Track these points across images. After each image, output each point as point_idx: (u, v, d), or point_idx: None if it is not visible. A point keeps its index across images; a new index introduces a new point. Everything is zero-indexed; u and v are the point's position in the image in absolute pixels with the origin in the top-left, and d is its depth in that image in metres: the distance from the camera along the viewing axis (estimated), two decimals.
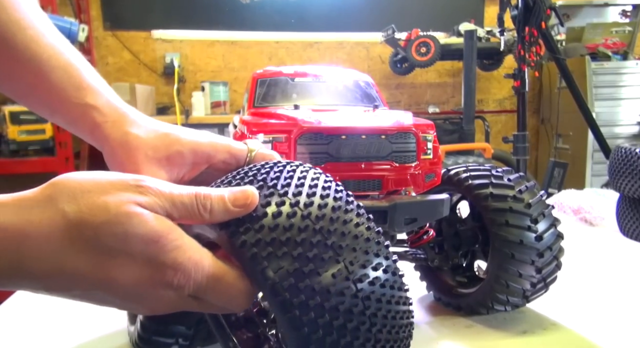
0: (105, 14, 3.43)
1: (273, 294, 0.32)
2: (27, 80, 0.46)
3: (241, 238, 0.34)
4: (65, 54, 0.48)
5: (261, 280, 0.32)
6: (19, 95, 0.48)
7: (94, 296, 0.35)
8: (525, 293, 0.68)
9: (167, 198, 0.36)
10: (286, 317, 0.32)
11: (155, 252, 0.34)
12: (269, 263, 0.32)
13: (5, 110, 2.60)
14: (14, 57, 0.45)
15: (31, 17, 0.46)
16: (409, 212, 0.62)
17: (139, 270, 0.34)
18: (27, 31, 0.46)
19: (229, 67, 3.65)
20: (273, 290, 0.32)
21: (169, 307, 0.37)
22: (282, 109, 0.74)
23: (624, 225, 1.20)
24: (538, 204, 0.67)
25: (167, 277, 0.34)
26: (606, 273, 0.94)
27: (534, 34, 2.35)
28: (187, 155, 0.47)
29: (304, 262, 0.32)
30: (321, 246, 0.33)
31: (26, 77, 0.46)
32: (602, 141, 2.52)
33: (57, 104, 0.47)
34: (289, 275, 0.32)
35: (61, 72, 0.47)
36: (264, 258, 0.32)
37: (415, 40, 3.26)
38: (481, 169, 0.72)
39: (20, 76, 0.46)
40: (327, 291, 0.32)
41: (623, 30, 3.55)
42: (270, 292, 0.32)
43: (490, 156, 2.76)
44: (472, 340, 0.66)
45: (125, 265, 0.34)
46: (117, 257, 0.33)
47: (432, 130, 0.70)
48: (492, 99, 4.09)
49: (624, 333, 0.68)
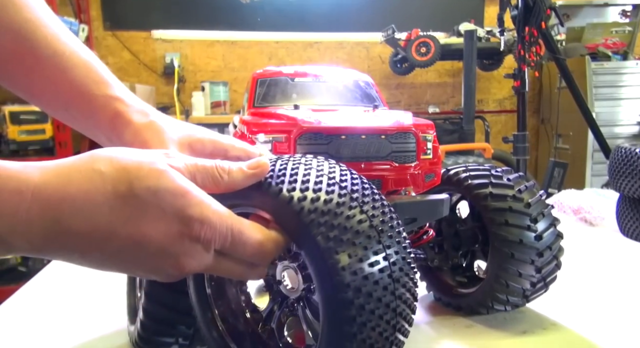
0: (105, 14, 3.44)
1: (322, 259, 0.37)
2: (47, 76, 0.47)
3: (300, 204, 0.38)
4: (83, 52, 0.50)
5: (313, 246, 0.37)
6: (34, 91, 0.49)
7: (126, 256, 0.37)
8: (525, 293, 0.68)
9: (192, 163, 0.39)
10: (335, 279, 0.36)
11: (183, 205, 0.36)
12: (324, 230, 0.37)
13: (5, 110, 2.60)
14: (35, 53, 0.47)
15: (48, 17, 0.48)
16: (408, 212, 0.62)
17: (169, 223, 0.36)
18: (47, 29, 0.47)
19: (229, 67, 3.65)
20: (323, 255, 0.37)
21: (196, 265, 0.39)
22: (282, 109, 0.74)
23: (624, 225, 1.20)
24: (538, 204, 0.67)
25: (194, 230, 0.37)
26: (606, 273, 0.94)
27: (534, 34, 2.35)
28: (207, 145, 0.50)
29: (353, 235, 0.37)
30: (366, 226, 0.39)
31: (47, 73, 0.47)
32: (602, 141, 2.52)
33: (76, 97, 0.48)
34: (341, 243, 0.37)
35: (82, 67, 0.49)
36: (320, 225, 0.37)
37: (415, 40, 3.26)
38: (481, 169, 0.72)
39: (40, 71, 0.47)
40: (371, 262, 0.37)
41: (623, 30, 3.55)
42: (320, 256, 0.37)
43: (490, 156, 2.76)
44: (472, 340, 0.66)
45: (156, 220, 0.36)
46: (148, 210, 0.36)
47: (432, 130, 0.70)
48: (492, 99, 4.09)
49: (624, 333, 0.68)
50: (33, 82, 0.48)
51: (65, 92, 0.48)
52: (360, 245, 0.37)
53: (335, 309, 0.37)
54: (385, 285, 0.38)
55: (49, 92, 0.49)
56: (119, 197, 0.35)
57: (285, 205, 0.39)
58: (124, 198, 0.35)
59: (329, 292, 0.37)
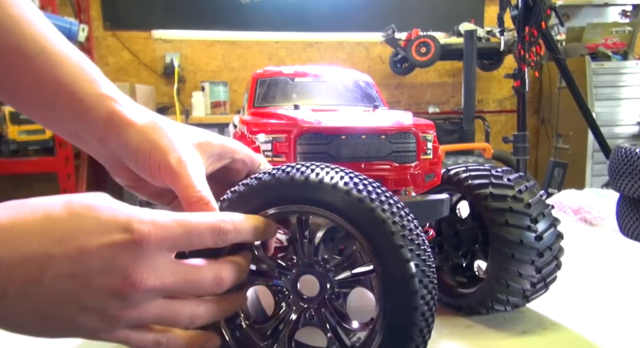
0: (105, 14, 3.43)
1: (399, 257, 0.39)
2: (33, 74, 0.45)
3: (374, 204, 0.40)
4: (73, 51, 0.47)
5: (389, 244, 0.39)
6: (17, 90, 0.46)
7: (69, 285, 0.33)
8: (525, 293, 0.68)
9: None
10: (410, 280, 0.39)
11: (119, 212, 0.35)
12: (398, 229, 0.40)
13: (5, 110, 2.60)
14: (21, 50, 0.44)
15: (35, 15, 0.46)
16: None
17: (108, 232, 0.34)
18: (34, 26, 0.45)
19: (229, 67, 3.65)
20: (399, 253, 0.40)
21: (154, 278, 0.35)
22: (282, 109, 0.74)
23: (624, 225, 1.20)
24: (538, 204, 0.67)
25: (138, 231, 0.34)
26: (606, 273, 0.94)
27: (534, 34, 2.35)
28: (215, 146, 0.48)
29: (409, 232, 0.41)
30: (413, 225, 0.42)
31: (33, 71, 0.45)
32: (602, 141, 2.52)
33: (65, 96, 0.45)
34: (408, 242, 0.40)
35: (72, 66, 0.46)
36: (395, 223, 0.40)
37: (415, 40, 3.26)
38: (481, 169, 0.72)
39: (25, 70, 0.45)
40: (423, 257, 0.41)
41: (623, 30, 3.55)
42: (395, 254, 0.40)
43: (490, 156, 2.76)
44: (472, 340, 0.66)
45: (93, 232, 0.33)
46: (84, 224, 0.34)
47: (432, 130, 0.70)
48: (492, 99, 4.09)
49: (624, 333, 0.68)
50: (16, 81, 0.45)
51: (52, 90, 0.45)
52: (416, 243, 0.41)
53: (404, 297, 0.40)
54: (429, 277, 0.41)
55: (33, 92, 0.46)
56: (52, 218, 0.33)
57: (357, 203, 0.40)
58: (57, 219, 0.33)
59: (402, 290, 0.39)
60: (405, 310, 0.39)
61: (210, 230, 0.38)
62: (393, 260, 0.40)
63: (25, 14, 0.45)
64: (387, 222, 0.40)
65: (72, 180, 2.65)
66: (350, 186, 0.41)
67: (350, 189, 0.40)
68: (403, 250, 0.39)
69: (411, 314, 0.39)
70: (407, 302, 0.39)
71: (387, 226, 0.40)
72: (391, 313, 0.40)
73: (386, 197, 0.41)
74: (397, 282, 0.40)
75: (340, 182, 0.41)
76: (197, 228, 0.37)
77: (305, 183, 0.41)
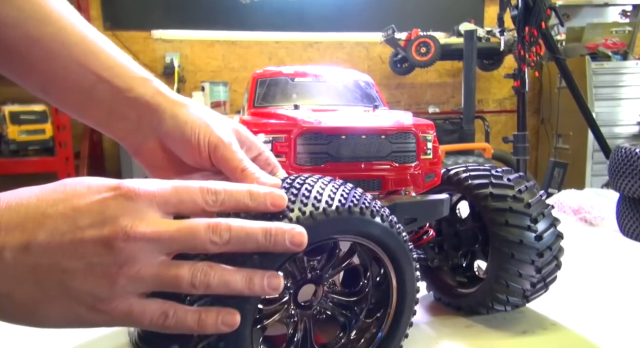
0: (105, 14, 3.43)
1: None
2: (74, 61, 0.47)
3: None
4: (107, 41, 0.50)
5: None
6: (53, 80, 0.48)
7: (62, 244, 0.34)
8: (525, 293, 0.68)
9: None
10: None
11: (110, 181, 0.36)
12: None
13: (5, 110, 2.61)
14: (62, 40, 0.46)
15: (69, 8, 0.49)
16: (408, 212, 0.62)
17: (99, 191, 0.36)
18: (71, 18, 0.48)
19: (229, 67, 3.65)
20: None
21: (144, 226, 0.35)
22: (282, 109, 0.74)
23: (624, 225, 1.20)
24: (538, 204, 0.67)
25: (126, 188, 0.35)
26: (606, 273, 0.94)
27: (534, 34, 2.35)
28: (245, 138, 0.51)
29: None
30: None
31: (72, 58, 0.47)
32: (602, 141, 2.52)
33: (107, 77, 0.47)
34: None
35: (110, 52, 0.49)
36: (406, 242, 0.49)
37: (415, 40, 3.26)
38: (481, 169, 0.72)
39: (65, 58, 0.47)
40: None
41: (623, 30, 3.55)
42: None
43: (490, 156, 2.76)
44: (472, 340, 0.66)
45: (86, 195, 0.35)
46: (76, 190, 0.36)
47: (432, 130, 0.70)
48: (492, 99, 4.09)
49: (624, 333, 0.68)
50: (56, 69, 0.47)
51: (93, 73, 0.47)
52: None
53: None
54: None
55: (72, 77, 0.47)
56: (46, 189, 0.35)
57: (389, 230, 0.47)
58: (51, 189, 0.35)
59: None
60: (411, 301, 0.50)
61: (200, 189, 0.38)
62: (408, 268, 0.49)
63: (61, 8, 0.48)
64: (406, 243, 0.49)
65: None
66: (387, 220, 0.47)
67: (388, 221, 0.47)
68: (414, 261, 0.50)
69: (412, 303, 0.51)
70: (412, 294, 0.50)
71: (407, 246, 0.49)
72: (400, 307, 0.50)
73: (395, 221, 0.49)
74: (408, 280, 0.50)
75: (379, 217, 0.46)
76: (187, 187, 0.37)
77: (361, 218, 0.44)
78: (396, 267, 0.49)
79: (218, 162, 0.46)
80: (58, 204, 0.34)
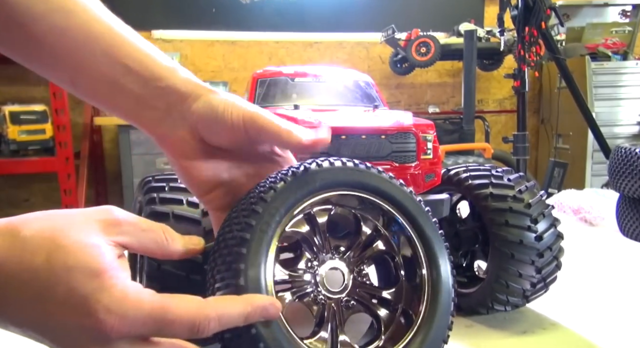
0: None
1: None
2: (102, 51, 0.47)
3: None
4: (134, 33, 0.50)
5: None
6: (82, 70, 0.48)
7: (35, 331, 0.36)
8: (525, 293, 0.68)
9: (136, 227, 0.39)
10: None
11: (93, 289, 0.35)
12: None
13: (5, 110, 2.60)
14: (89, 31, 0.47)
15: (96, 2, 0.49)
16: None
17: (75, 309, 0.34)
18: (97, 10, 0.48)
19: (229, 67, 3.65)
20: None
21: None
22: (282, 109, 0.74)
23: (624, 225, 1.20)
24: (538, 204, 0.67)
25: (101, 322, 0.34)
26: (606, 273, 0.94)
27: (534, 34, 2.35)
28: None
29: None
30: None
31: (101, 48, 0.47)
32: (602, 141, 2.52)
33: (135, 67, 0.47)
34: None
35: (137, 42, 0.49)
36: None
37: (415, 40, 3.26)
38: (481, 169, 0.72)
39: (93, 48, 0.47)
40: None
41: (623, 30, 3.55)
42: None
43: (490, 156, 2.76)
44: (472, 340, 0.66)
45: (63, 302, 0.34)
46: (58, 288, 0.34)
47: (432, 130, 0.70)
48: (492, 99, 4.09)
49: (624, 333, 0.68)
50: (83, 59, 0.47)
51: (121, 63, 0.47)
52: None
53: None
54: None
55: (100, 67, 0.47)
56: (33, 269, 0.34)
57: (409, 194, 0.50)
58: (37, 272, 0.34)
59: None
60: (444, 266, 0.50)
61: (188, 328, 0.37)
62: (434, 234, 0.50)
63: (86, 0, 0.48)
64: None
65: (72, 180, 2.65)
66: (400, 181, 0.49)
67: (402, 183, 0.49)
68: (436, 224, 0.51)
69: (448, 268, 0.50)
70: (445, 260, 0.50)
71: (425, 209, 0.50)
72: (435, 273, 0.49)
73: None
74: (437, 247, 0.50)
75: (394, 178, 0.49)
76: (172, 325, 0.36)
77: (379, 176, 0.48)
78: (418, 229, 0.49)
79: (258, 133, 0.46)
80: (34, 300, 0.34)
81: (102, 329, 0.34)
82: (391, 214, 0.49)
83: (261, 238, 0.41)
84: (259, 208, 0.42)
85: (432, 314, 0.48)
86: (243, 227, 0.42)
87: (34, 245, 0.34)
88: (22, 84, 3.22)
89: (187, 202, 0.58)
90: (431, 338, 0.47)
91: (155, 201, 0.59)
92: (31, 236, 0.35)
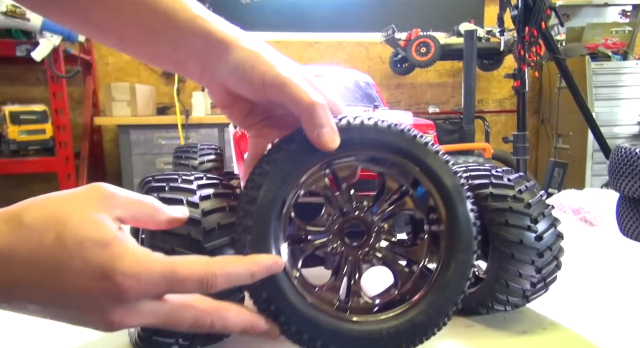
0: None
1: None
2: (137, 12, 0.47)
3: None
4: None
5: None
6: (124, 34, 0.48)
7: (53, 307, 0.37)
8: (525, 293, 0.68)
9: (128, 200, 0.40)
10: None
11: (106, 257, 0.36)
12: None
13: (5, 110, 2.61)
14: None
15: None
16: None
17: (91, 277, 0.36)
18: None
19: None
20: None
21: (132, 319, 0.38)
22: None
23: (624, 225, 1.20)
24: (538, 204, 0.67)
25: (118, 285, 0.36)
26: (606, 273, 0.94)
27: (534, 34, 2.35)
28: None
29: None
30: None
31: (136, 8, 0.47)
32: (602, 141, 2.52)
33: (163, 29, 0.48)
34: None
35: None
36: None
37: (415, 40, 3.26)
38: (481, 169, 0.72)
39: (127, 10, 0.47)
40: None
41: (623, 30, 3.56)
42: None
43: (490, 156, 2.76)
44: (472, 340, 0.66)
45: (79, 273, 0.36)
46: (72, 262, 0.35)
47: (432, 130, 0.70)
48: (492, 99, 4.09)
49: (624, 333, 0.68)
50: (123, 22, 0.47)
51: (150, 25, 0.47)
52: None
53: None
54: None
55: (135, 30, 0.48)
56: (44, 248, 0.35)
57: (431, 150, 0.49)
58: (49, 250, 0.35)
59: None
60: (467, 219, 0.50)
61: (197, 284, 0.39)
62: (456, 188, 0.50)
63: None
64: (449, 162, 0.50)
65: (72, 180, 2.65)
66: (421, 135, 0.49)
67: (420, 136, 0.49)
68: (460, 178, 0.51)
69: (469, 223, 0.50)
70: (466, 212, 0.50)
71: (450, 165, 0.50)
72: (455, 225, 0.50)
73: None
74: (459, 198, 0.50)
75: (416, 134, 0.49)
76: (183, 283, 0.38)
77: (402, 134, 0.48)
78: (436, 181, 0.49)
79: (279, 99, 0.45)
80: (50, 276, 0.35)
81: (121, 291, 0.36)
82: (416, 174, 0.50)
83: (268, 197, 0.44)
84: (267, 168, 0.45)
85: (444, 273, 0.50)
86: (254, 186, 0.44)
87: (40, 227, 0.35)
88: (22, 84, 3.23)
89: (187, 202, 0.58)
90: (444, 297, 0.50)
91: None
92: (35, 220, 0.36)
